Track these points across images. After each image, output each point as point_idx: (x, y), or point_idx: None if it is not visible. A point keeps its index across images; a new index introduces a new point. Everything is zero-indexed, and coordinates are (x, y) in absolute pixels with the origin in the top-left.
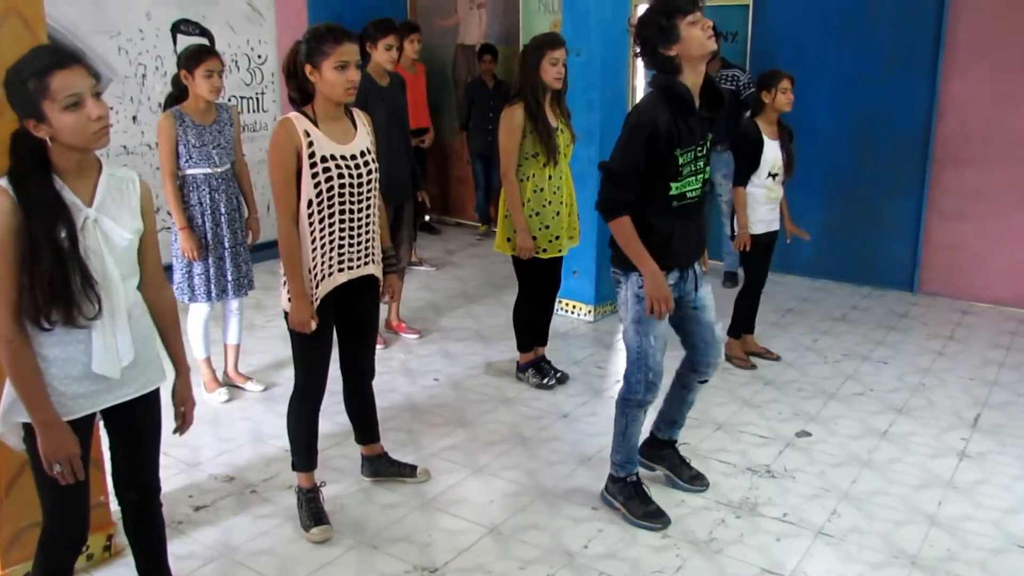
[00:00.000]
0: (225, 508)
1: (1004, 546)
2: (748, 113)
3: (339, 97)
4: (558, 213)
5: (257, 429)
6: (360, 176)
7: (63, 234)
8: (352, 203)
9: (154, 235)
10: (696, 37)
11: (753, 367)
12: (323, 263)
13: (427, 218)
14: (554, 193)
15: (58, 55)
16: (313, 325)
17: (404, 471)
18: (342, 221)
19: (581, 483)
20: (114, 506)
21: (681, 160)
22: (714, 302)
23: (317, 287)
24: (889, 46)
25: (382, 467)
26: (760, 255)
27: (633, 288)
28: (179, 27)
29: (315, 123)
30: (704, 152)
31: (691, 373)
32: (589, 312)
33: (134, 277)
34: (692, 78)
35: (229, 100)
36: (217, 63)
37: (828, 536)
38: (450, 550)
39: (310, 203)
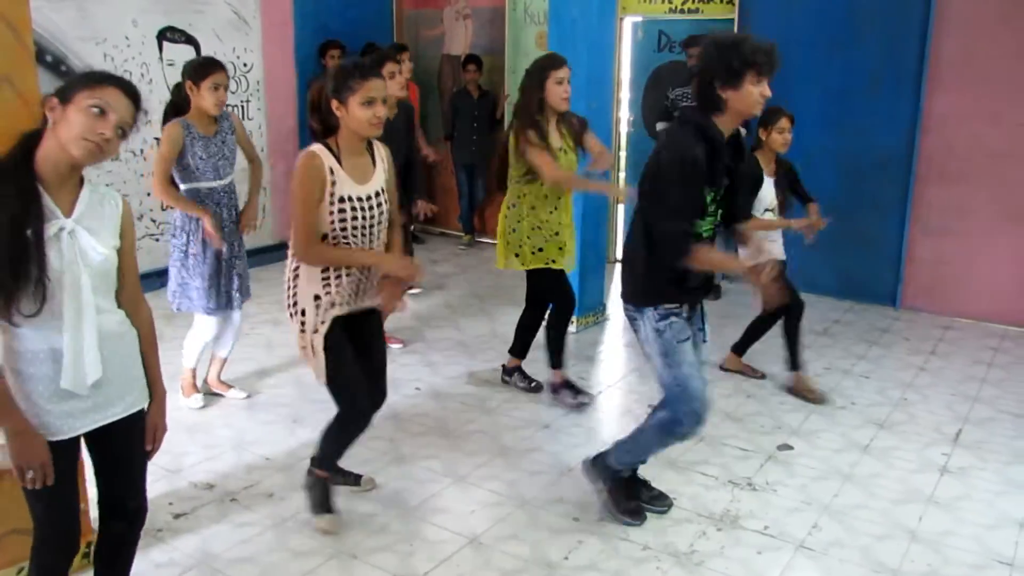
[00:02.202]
0: (205, 516)
1: (985, 562)
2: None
3: (365, 132)
4: (557, 233)
5: (239, 437)
6: (372, 216)
7: (28, 228)
8: (364, 240)
9: (132, 254)
10: (753, 96)
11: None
12: (336, 292)
13: (411, 228)
14: (550, 213)
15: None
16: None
17: (348, 479)
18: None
19: (562, 494)
20: (94, 514)
21: (708, 199)
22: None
23: (325, 314)
24: (874, 63)
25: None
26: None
27: (651, 323)
28: (165, 34)
29: (338, 158)
30: (720, 197)
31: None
32: (572, 323)
33: (109, 294)
34: (727, 126)
35: None
36: (224, 77)
37: (809, 550)
38: (430, 560)
39: (324, 236)
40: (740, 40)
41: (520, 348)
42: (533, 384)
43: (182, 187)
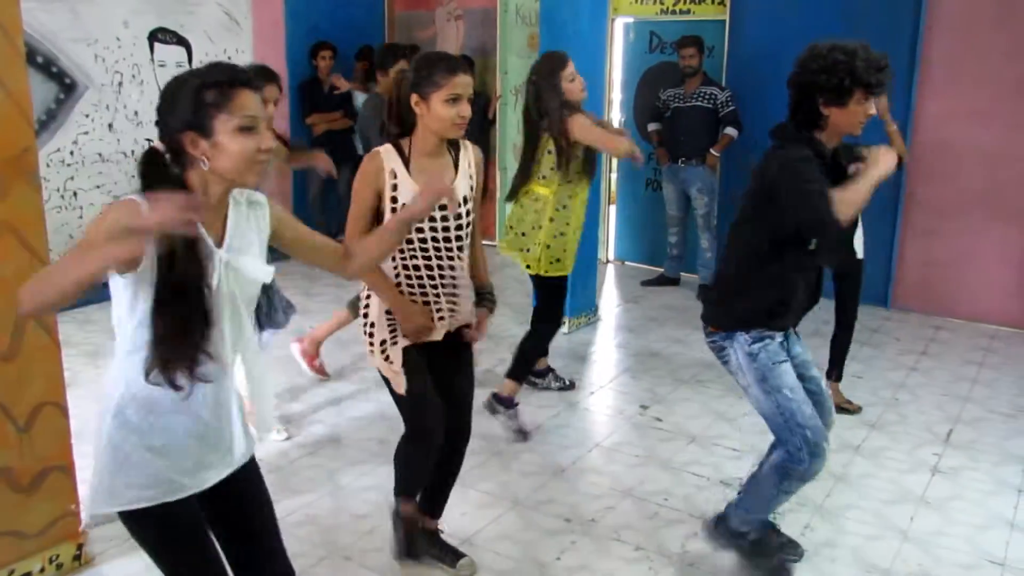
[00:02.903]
0: None
1: (976, 561)
2: (727, 130)
3: (446, 132)
4: (562, 234)
5: None
6: (448, 230)
7: (199, 280)
8: (437, 256)
9: (304, 230)
10: (858, 116)
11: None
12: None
13: None
14: (568, 222)
15: (240, 73)
16: (437, 326)
17: (445, 557)
18: (419, 276)
19: (554, 495)
20: (85, 516)
21: None
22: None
23: (396, 339)
24: None
25: (424, 544)
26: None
27: (743, 348)
28: (156, 35)
29: (407, 160)
30: None
31: None
32: (564, 324)
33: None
34: (830, 143)
35: None
36: (273, 90)
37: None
38: (422, 561)
39: None
40: (851, 54)
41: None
42: (568, 382)
43: None
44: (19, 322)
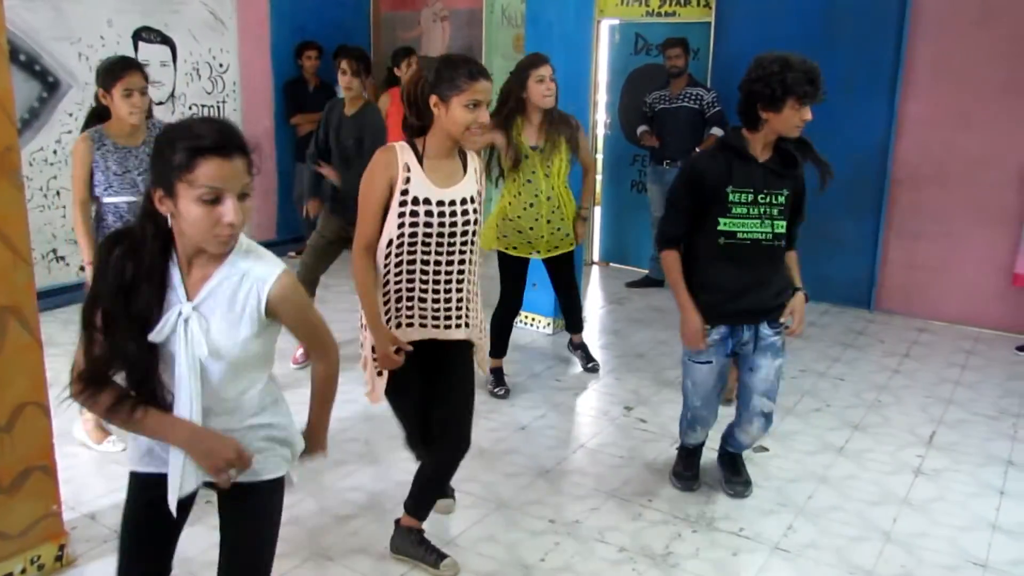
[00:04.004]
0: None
1: (958, 563)
2: (712, 130)
3: (462, 137)
4: (531, 228)
5: None
6: (455, 225)
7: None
8: (439, 253)
9: (304, 324)
10: (793, 121)
11: None
12: (395, 311)
13: None
14: (524, 209)
15: (217, 137)
16: (398, 357)
17: (428, 557)
18: (424, 272)
19: (538, 496)
20: (67, 516)
21: (731, 197)
22: (773, 375)
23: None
24: (849, 66)
25: (408, 545)
26: None
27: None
28: (140, 35)
29: (420, 159)
30: (769, 201)
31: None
32: (548, 325)
33: (241, 380)
34: (765, 139)
35: (190, 108)
36: (138, 79)
37: (784, 551)
38: (407, 562)
39: (390, 243)
40: (786, 65)
41: (575, 324)
42: (591, 364)
43: (104, 200)
44: (1, 321)
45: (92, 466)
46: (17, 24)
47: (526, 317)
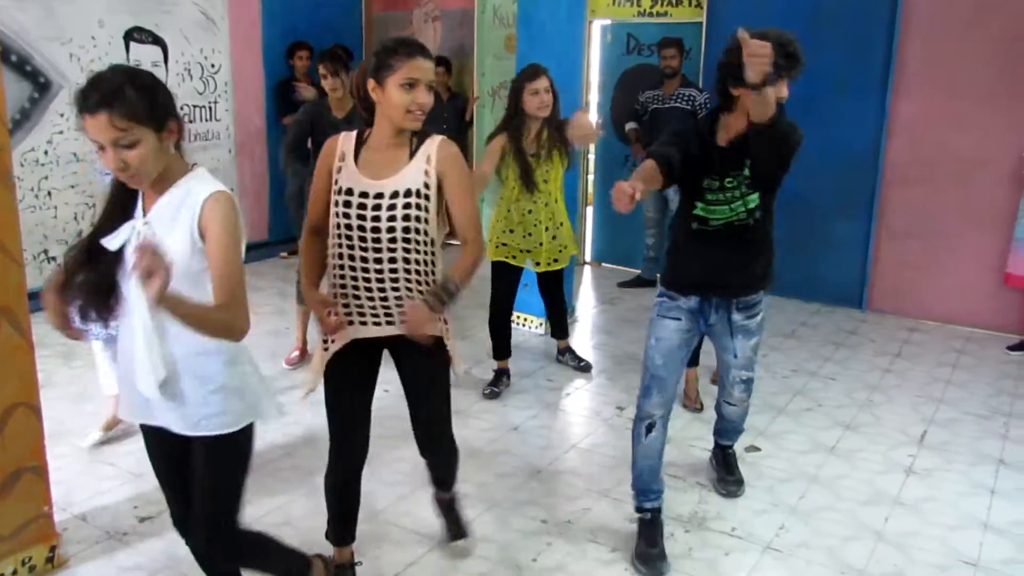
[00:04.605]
0: (171, 519)
1: (950, 562)
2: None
3: (400, 121)
4: (529, 234)
5: None
6: (378, 220)
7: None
8: (365, 249)
9: (218, 250)
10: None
11: None
12: (341, 306)
13: None
14: (524, 215)
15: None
16: (331, 320)
17: (448, 526)
18: (352, 268)
19: (531, 496)
20: (59, 517)
21: (704, 183)
22: (750, 351)
23: (328, 343)
24: (840, 67)
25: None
26: None
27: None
28: (132, 35)
29: (359, 147)
30: (736, 185)
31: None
32: (540, 325)
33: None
34: (737, 122)
35: (181, 108)
36: None
37: (776, 551)
38: (398, 563)
39: (330, 234)
40: (758, 37)
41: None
42: (582, 363)
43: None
44: None
45: (83, 467)
46: (8, 24)
47: (518, 317)
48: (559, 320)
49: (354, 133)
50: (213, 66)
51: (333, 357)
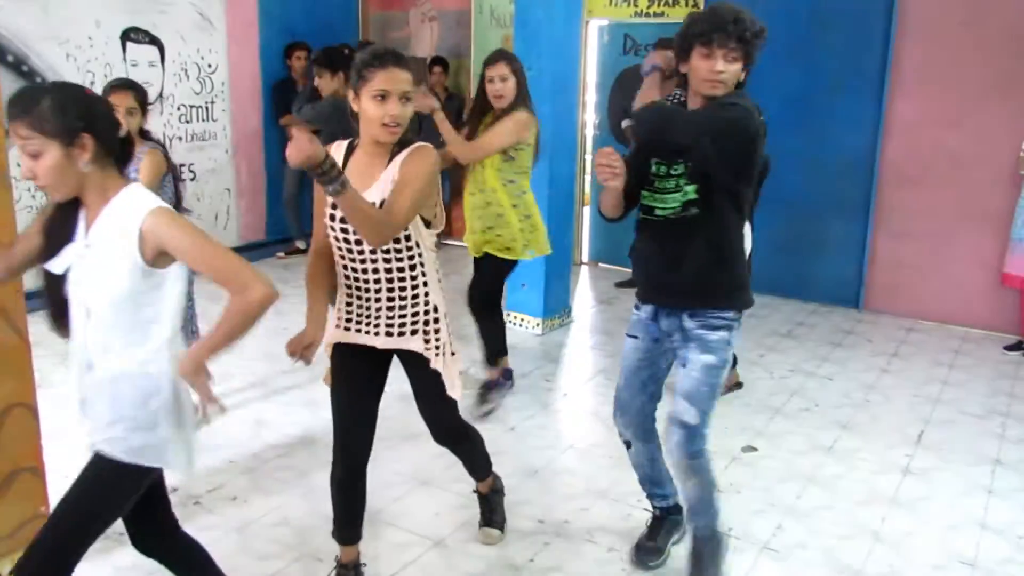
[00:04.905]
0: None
1: (946, 562)
2: None
3: (375, 133)
4: (468, 218)
5: (202, 440)
6: (347, 231)
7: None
8: (352, 260)
9: (192, 252)
10: (700, 72)
11: None
12: (339, 310)
13: None
14: (469, 196)
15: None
16: (307, 352)
17: (483, 515)
18: (345, 277)
19: (527, 496)
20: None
21: (654, 169)
22: (698, 371)
23: (330, 336)
24: (837, 67)
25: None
26: None
27: None
28: (129, 35)
29: (347, 157)
30: (681, 172)
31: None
32: (537, 325)
33: (123, 329)
34: (693, 103)
35: (178, 109)
36: (119, 97)
37: (773, 551)
38: (395, 563)
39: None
40: (699, 12)
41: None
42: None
43: None
44: None
45: (80, 468)
46: (5, 24)
47: (515, 317)
48: (485, 334)
49: (346, 143)
50: (210, 66)
51: (346, 354)
